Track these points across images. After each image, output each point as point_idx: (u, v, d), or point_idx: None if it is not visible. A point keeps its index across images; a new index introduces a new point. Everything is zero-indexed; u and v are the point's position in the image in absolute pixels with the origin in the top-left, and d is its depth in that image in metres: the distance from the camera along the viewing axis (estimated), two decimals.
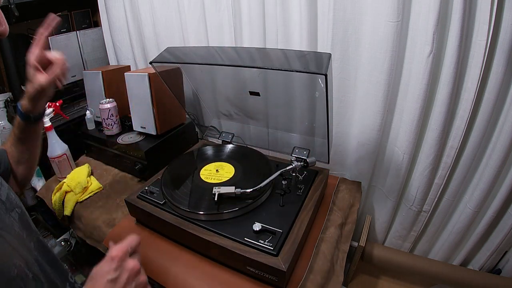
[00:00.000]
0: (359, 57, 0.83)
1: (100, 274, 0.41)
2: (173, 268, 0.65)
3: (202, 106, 0.98)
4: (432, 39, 0.69)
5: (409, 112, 0.81)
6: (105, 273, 0.41)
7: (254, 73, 0.73)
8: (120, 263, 0.42)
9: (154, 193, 0.74)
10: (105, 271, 0.41)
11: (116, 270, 0.41)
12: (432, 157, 0.83)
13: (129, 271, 0.42)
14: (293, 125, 0.85)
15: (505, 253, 0.90)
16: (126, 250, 0.43)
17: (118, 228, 0.77)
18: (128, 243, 0.45)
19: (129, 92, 0.94)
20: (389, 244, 1.09)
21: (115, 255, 0.42)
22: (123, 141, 0.98)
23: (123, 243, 0.44)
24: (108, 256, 0.42)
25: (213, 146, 0.92)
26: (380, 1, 0.72)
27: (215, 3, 0.97)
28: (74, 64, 1.25)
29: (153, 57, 0.74)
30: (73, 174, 0.96)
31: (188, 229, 0.63)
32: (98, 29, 1.32)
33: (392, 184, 0.94)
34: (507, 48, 0.66)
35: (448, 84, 0.73)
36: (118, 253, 0.42)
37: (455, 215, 0.93)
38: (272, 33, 0.91)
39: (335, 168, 1.03)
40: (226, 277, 0.62)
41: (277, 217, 0.65)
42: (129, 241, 0.45)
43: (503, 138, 0.74)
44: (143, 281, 0.43)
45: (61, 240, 1.01)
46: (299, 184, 0.74)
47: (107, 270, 0.41)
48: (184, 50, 0.84)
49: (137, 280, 0.43)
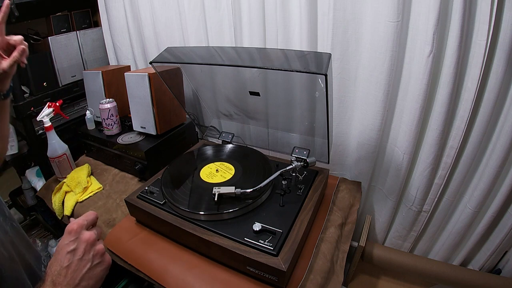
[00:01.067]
0: (359, 57, 0.83)
1: (60, 247, 0.45)
2: (173, 268, 0.65)
3: (202, 106, 0.98)
4: (432, 39, 0.69)
5: (409, 112, 0.81)
6: (64, 245, 0.45)
7: (254, 73, 0.73)
8: (77, 235, 0.45)
9: (154, 193, 0.74)
10: (64, 244, 0.45)
11: (74, 242, 0.45)
12: (432, 157, 0.83)
13: (85, 241, 0.45)
14: (293, 125, 0.85)
15: (505, 253, 0.90)
16: (82, 223, 0.47)
17: (118, 228, 0.77)
18: (84, 217, 0.49)
19: (129, 92, 0.94)
20: (389, 244, 1.09)
21: (71, 229, 0.46)
22: (123, 141, 0.98)
23: (80, 217, 0.48)
24: (66, 230, 0.46)
25: (213, 146, 0.92)
26: (380, 1, 0.72)
27: (215, 3, 0.97)
28: (74, 64, 1.25)
29: (153, 57, 0.74)
30: (73, 174, 0.96)
31: (188, 229, 0.63)
32: (98, 29, 1.32)
33: (392, 184, 0.94)
34: (507, 48, 0.66)
35: (448, 84, 0.73)
36: (73, 226, 0.46)
37: (455, 215, 0.93)
38: (272, 33, 0.91)
39: (335, 168, 1.03)
40: (226, 277, 0.62)
41: (277, 217, 0.65)
42: (86, 215, 0.49)
43: (503, 138, 0.74)
44: (100, 250, 0.47)
45: None
46: (299, 184, 0.74)
47: (66, 243, 0.45)
48: (184, 50, 0.84)
49: (94, 250, 0.46)
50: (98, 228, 0.51)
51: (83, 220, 0.48)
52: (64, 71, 1.21)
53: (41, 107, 0.99)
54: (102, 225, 0.79)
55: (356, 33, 0.80)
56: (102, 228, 0.79)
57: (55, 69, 1.18)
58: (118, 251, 0.71)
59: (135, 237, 0.73)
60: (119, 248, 0.72)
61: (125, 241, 0.72)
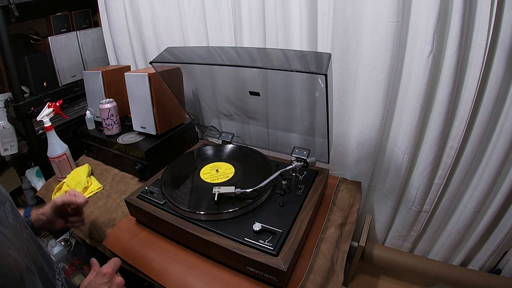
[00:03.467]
0: (359, 57, 0.83)
1: (93, 285, 0.52)
2: (173, 268, 0.65)
3: (202, 106, 0.98)
4: (432, 39, 0.69)
5: (409, 112, 0.81)
6: (98, 285, 0.51)
7: (254, 73, 0.73)
8: (110, 278, 0.54)
9: (154, 193, 0.74)
10: (98, 284, 0.52)
11: (107, 283, 0.53)
12: (432, 157, 0.83)
13: (116, 285, 0.54)
14: (293, 125, 0.85)
15: (505, 253, 0.90)
16: (114, 268, 0.56)
17: (118, 228, 0.77)
18: (114, 262, 0.57)
19: (129, 92, 0.94)
20: (389, 244, 1.09)
21: (106, 271, 0.54)
22: (123, 141, 0.98)
23: (111, 262, 0.57)
24: (100, 272, 0.54)
25: (213, 146, 0.92)
26: (380, 1, 0.72)
27: (215, 3, 0.97)
28: (74, 64, 1.25)
29: (153, 57, 0.74)
30: (73, 174, 0.96)
31: (188, 229, 0.63)
32: (98, 29, 1.32)
33: (392, 184, 0.94)
34: (507, 48, 0.66)
35: (448, 84, 0.73)
36: (109, 270, 0.54)
37: (455, 215, 0.93)
38: (272, 33, 0.91)
39: (335, 168, 1.03)
40: (226, 277, 0.62)
41: (277, 217, 0.65)
42: (115, 261, 0.58)
43: (503, 138, 0.74)
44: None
45: (61, 240, 1.00)
46: (299, 184, 0.74)
47: (100, 283, 0.52)
48: (184, 50, 0.84)
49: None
50: (119, 273, 0.59)
51: (114, 265, 0.56)
52: (64, 71, 1.21)
53: (41, 107, 0.99)
54: (102, 225, 0.80)
55: (356, 33, 0.80)
56: (102, 229, 0.79)
57: (55, 69, 1.18)
58: (118, 251, 0.71)
59: (135, 237, 0.73)
60: (119, 248, 0.72)
61: (125, 241, 0.72)
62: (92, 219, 0.82)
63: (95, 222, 0.81)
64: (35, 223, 0.66)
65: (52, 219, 0.68)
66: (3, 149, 1.24)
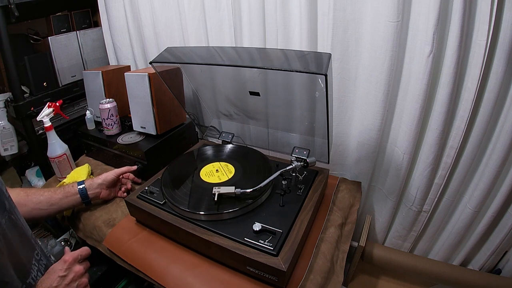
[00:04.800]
0: (359, 57, 0.83)
1: (54, 270, 0.54)
2: (173, 268, 0.65)
3: (202, 106, 0.98)
4: (432, 39, 0.69)
5: (409, 112, 0.81)
6: (58, 270, 0.54)
7: (254, 73, 0.73)
8: (70, 266, 0.56)
9: (154, 193, 0.74)
10: (58, 269, 0.55)
11: (66, 270, 0.55)
12: (432, 157, 0.83)
13: (75, 272, 0.56)
14: (293, 125, 0.85)
15: (505, 253, 0.90)
16: (76, 257, 0.58)
17: (118, 228, 0.77)
18: (79, 252, 0.60)
19: (129, 92, 0.94)
20: (389, 244, 1.09)
21: (68, 259, 0.56)
22: (123, 141, 0.98)
23: (76, 251, 0.59)
24: (62, 259, 0.57)
25: (213, 146, 0.92)
26: (380, 1, 0.72)
27: (215, 3, 0.97)
28: (74, 64, 1.25)
29: (153, 57, 0.74)
30: (73, 174, 0.96)
31: (188, 229, 0.63)
32: (98, 29, 1.32)
33: (392, 184, 0.94)
34: (507, 48, 0.66)
35: (448, 84, 0.73)
36: (69, 258, 0.57)
37: (455, 215, 0.93)
38: (272, 33, 0.91)
39: (335, 168, 1.03)
40: (226, 277, 0.62)
41: (277, 217, 0.65)
42: (81, 250, 0.60)
43: (503, 138, 0.74)
44: (83, 282, 0.58)
45: (61, 240, 1.01)
46: (299, 184, 0.74)
47: (60, 268, 0.55)
48: (184, 50, 0.84)
49: (79, 281, 0.57)
50: (87, 262, 0.62)
51: (78, 254, 0.59)
52: (64, 71, 1.21)
53: (41, 107, 0.99)
54: (102, 225, 0.79)
55: (356, 33, 0.80)
56: (102, 229, 0.79)
57: (55, 69, 1.18)
58: (118, 251, 0.71)
59: (135, 237, 0.73)
60: (119, 248, 0.72)
61: (125, 241, 0.72)
62: (92, 219, 0.82)
63: (95, 222, 0.81)
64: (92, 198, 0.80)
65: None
66: (3, 149, 1.24)
